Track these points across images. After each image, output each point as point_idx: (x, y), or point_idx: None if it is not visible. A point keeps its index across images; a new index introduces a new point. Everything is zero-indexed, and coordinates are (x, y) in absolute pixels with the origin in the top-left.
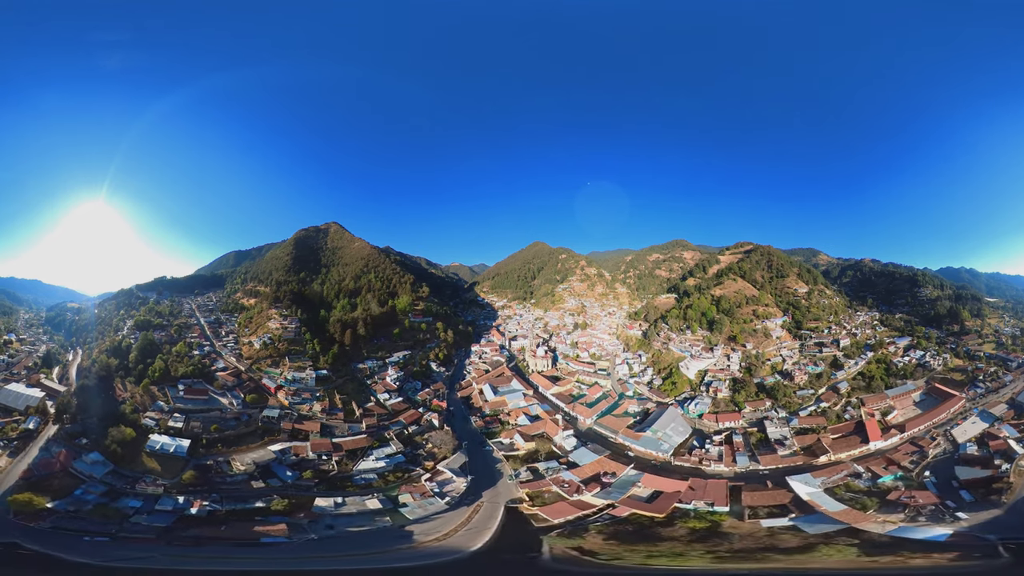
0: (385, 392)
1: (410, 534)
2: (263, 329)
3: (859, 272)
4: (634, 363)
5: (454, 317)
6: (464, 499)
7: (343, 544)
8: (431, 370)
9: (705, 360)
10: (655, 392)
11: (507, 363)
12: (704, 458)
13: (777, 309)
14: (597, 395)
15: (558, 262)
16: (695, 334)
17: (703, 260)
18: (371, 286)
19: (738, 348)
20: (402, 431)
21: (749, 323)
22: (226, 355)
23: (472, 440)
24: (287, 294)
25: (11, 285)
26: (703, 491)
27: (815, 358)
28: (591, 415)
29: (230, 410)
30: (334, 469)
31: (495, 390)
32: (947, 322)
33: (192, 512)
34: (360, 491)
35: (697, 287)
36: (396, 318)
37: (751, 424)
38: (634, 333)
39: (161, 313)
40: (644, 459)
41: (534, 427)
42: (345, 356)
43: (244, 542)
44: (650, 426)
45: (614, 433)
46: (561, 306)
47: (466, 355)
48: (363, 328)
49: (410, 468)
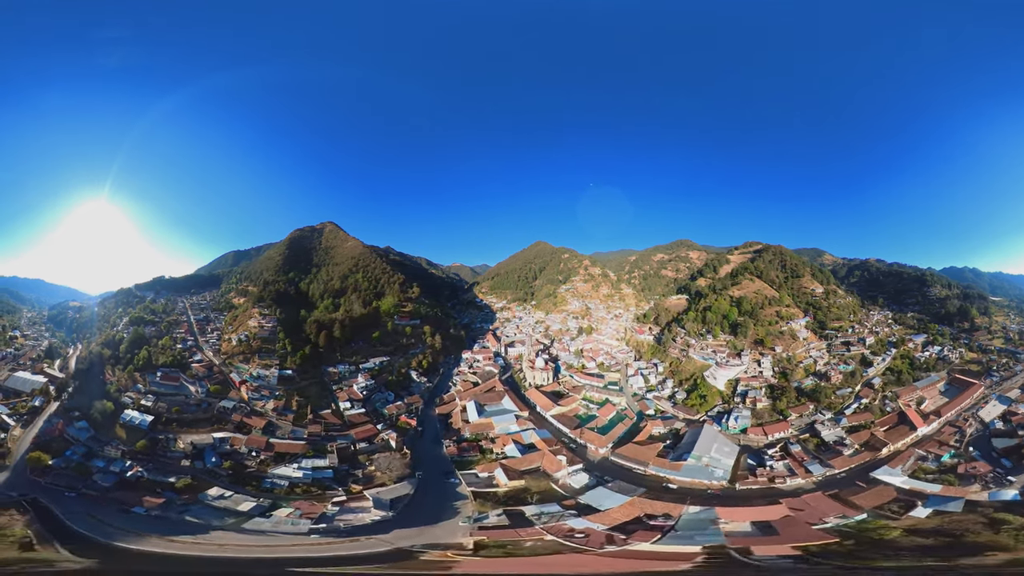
0: (348, 401)
1: (207, 531)
2: (243, 327)
3: (866, 272)
4: (650, 374)
5: (445, 320)
6: (359, 531)
7: (172, 526)
8: (410, 380)
9: (733, 368)
10: (681, 408)
11: (501, 375)
12: (773, 475)
13: (798, 310)
14: (610, 416)
15: (560, 262)
16: (717, 339)
17: (712, 260)
18: (357, 286)
19: (767, 352)
20: (349, 446)
21: (774, 325)
22: (206, 350)
23: (437, 469)
24: (271, 294)
25: (14, 284)
26: (812, 506)
27: (844, 357)
28: (605, 443)
29: (194, 397)
30: (253, 466)
31: (481, 409)
32: (957, 320)
33: (128, 476)
34: (259, 492)
35: (711, 287)
36: (379, 320)
37: (800, 431)
38: (646, 338)
39: (155, 311)
40: (693, 491)
41: (526, 460)
42: (318, 358)
43: (125, 507)
44: (688, 451)
45: (642, 465)
46: (564, 308)
47: (455, 363)
48: (339, 330)
49: (332, 487)
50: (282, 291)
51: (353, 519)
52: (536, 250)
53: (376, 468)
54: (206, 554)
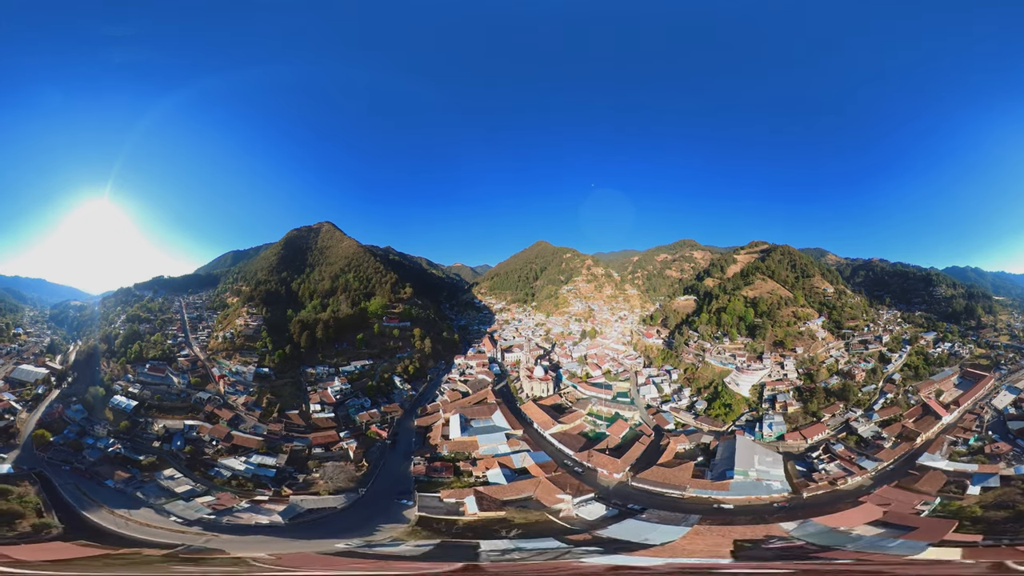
0: (319, 403)
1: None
2: (231, 325)
3: (871, 272)
4: (663, 382)
5: (437, 323)
6: (235, 530)
7: (125, 500)
8: (393, 387)
9: (756, 372)
10: (705, 420)
11: (494, 384)
12: (832, 477)
13: (812, 310)
14: (622, 433)
15: (562, 261)
16: (734, 342)
17: (718, 260)
18: (347, 286)
19: (788, 354)
20: (304, 449)
21: (793, 326)
22: (194, 346)
23: (393, 487)
24: (261, 293)
25: (16, 284)
26: (893, 499)
27: (863, 355)
28: (620, 467)
29: (176, 387)
30: (209, 454)
31: (466, 425)
32: (964, 318)
33: (109, 452)
34: (203, 478)
35: (722, 288)
36: (366, 322)
37: (836, 431)
38: (655, 342)
39: (151, 309)
40: (756, 508)
41: (512, 488)
42: (298, 358)
43: (101, 479)
44: (728, 467)
45: (677, 489)
46: (566, 310)
47: (445, 370)
48: (321, 331)
49: (266, 485)
50: (272, 291)
51: (247, 519)
52: (537, 250)
53: (320, 476)
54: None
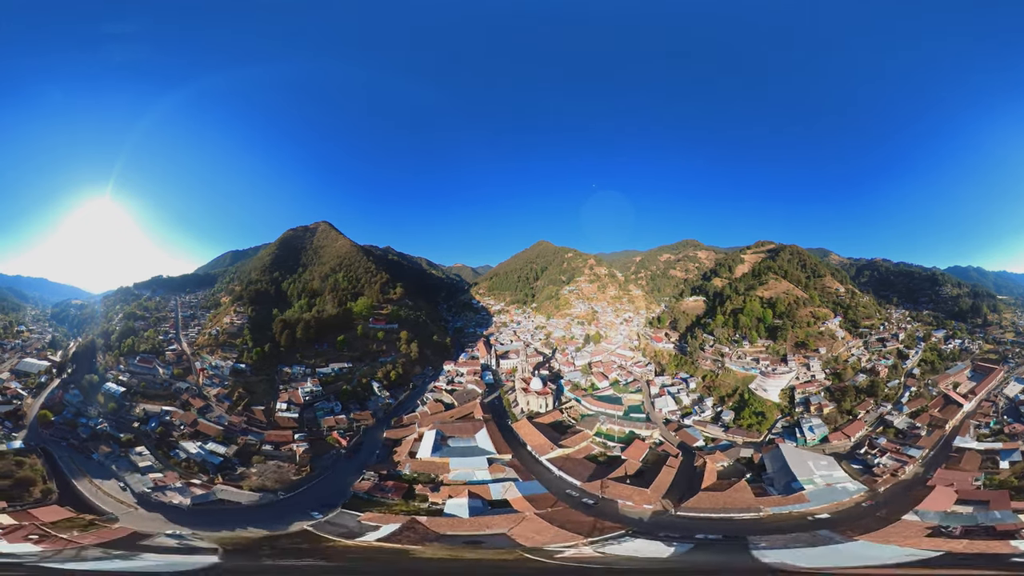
0: (286, 403)
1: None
2: (218, 323)
3: (875, 272)
4: (680, 392)
5: (428, 325)
6: (143, 502)
7: (102, 471)
8: (371, 393)
9: (783, 376)
10: (737, 432)
11: (485, 396)
12: (893, 469)
13: (827, 310)
14: (642, 455)
15: (564, 261)
16: (754, 345)
17: (724, 259)
18: (336, 286)
19: (811, 355)
20: (256, 444)
21: (812, 326)
22: (183, 342)
23: (321, 499)
24: (251, 293)
25: (18, 283)
26: (954, 479)
27: (882, 352)
28: (651, 497)
29: (160, 377)
30: (175, 437)
31: (441, 443)
32: (970, 316)
33: (98, 429)
34: (163, 457)
35: (733, 288)
36: (351, 322)
37: (873, 425)
38: (665, 347)
39: (148, 308)
40: (847, 511)
41: (475, 523)
42: (278, 356)
43: (89, 453)
44: (789, 478)
45: (747, 512)
46: (567, 312)
47: (432, 377)
48: (301, 331)
49: (207, 471)
50: (262, 290)
51: (168, 497)
52: (538, 250)
53: (256, 472)
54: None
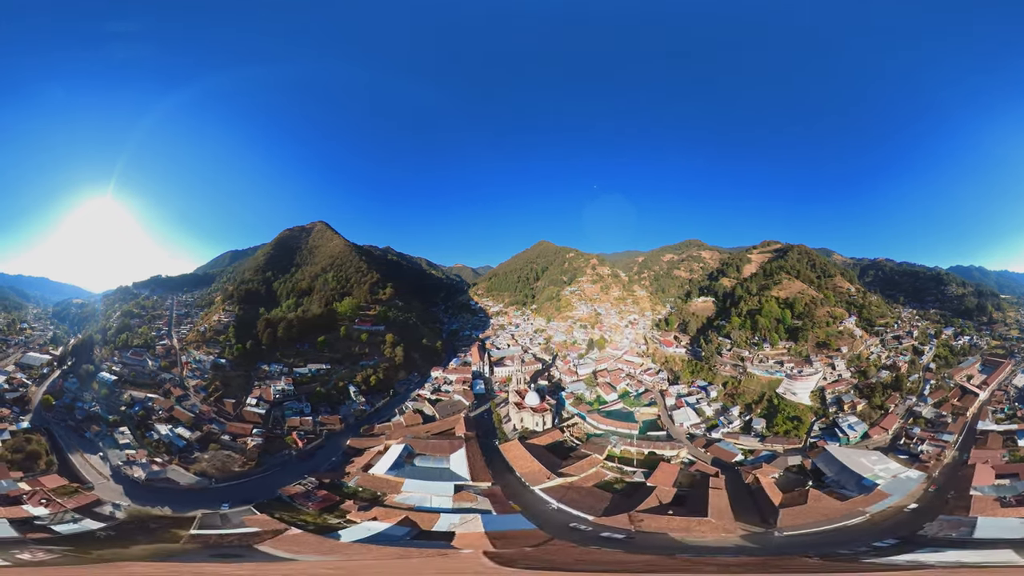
0: (256, 399)
1: (96, 452)
2: (208, 321)
3: (880, 271)
4: (700, 402)
5: (419, 327)
6: (117, 476)
7: (90, 447)
8: (347, 397)
9: (810, 377)
10: (774, 440)
11: (472, 409)
12: (935, 455)
13: (842, 310)
14: (673, 480)
15: (565, 261)
16: (775, 347)
17: (730, 259)
18: (325, 285)
19: (834, 354)
20: (218, 434)
21: (832, 326)
22: (173, 337)
23: (250, 495)
24: (241, 292)
25: (19, 283)
26: (987, 456)
27: (898, 350)
28: (720, 527)
29: (148, 368)
30: (153, 421)
31: (406, 460)
32: (976, 315)
33: (91, 411)
34: (139, 436)
35: (745, 289)
36: (335, 323)
37: (903, 417)
38: (676, 352)
39: (145, 306)
40: (925, 501)
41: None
42: (258, 354)
43: (82, 432)
44: (853, 478)
45: (853, 517)
46: (569, 314)
47: (418, 383)
48: (283, 330)
49: (171, 452)
50: (252, 290)
51: (132, 471)
52: (539, 250)
53: (207, 459)
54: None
